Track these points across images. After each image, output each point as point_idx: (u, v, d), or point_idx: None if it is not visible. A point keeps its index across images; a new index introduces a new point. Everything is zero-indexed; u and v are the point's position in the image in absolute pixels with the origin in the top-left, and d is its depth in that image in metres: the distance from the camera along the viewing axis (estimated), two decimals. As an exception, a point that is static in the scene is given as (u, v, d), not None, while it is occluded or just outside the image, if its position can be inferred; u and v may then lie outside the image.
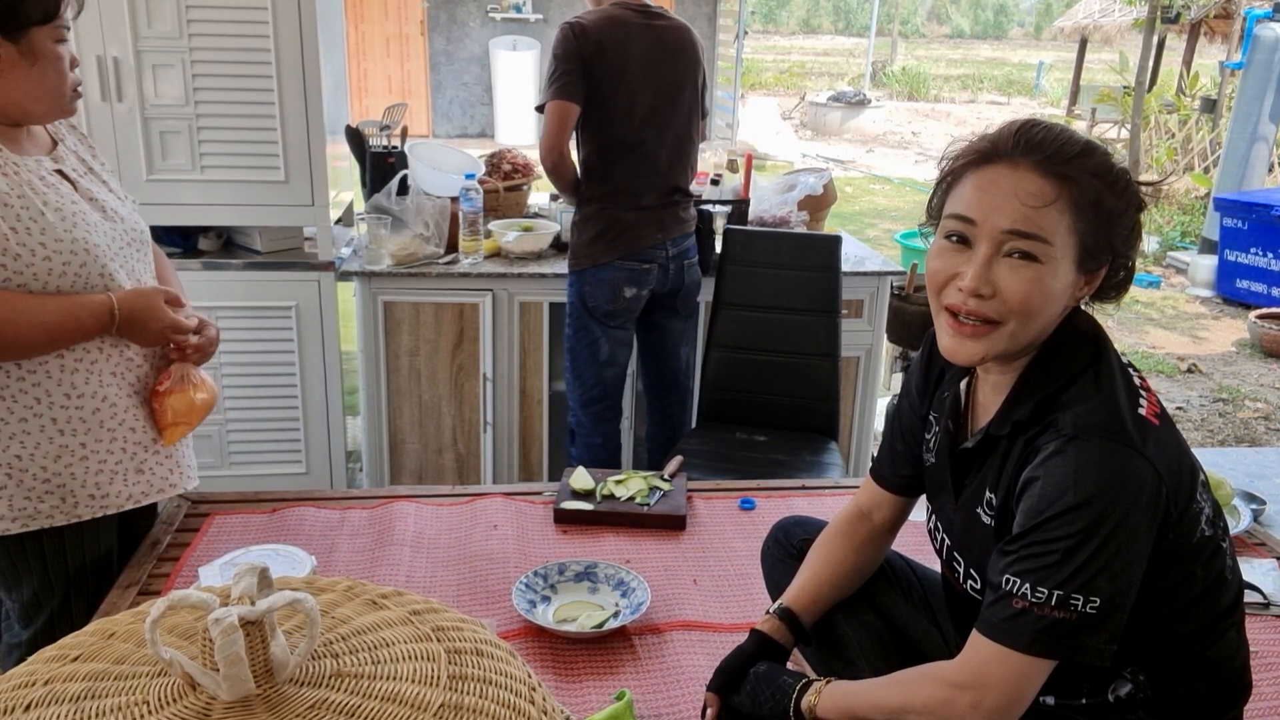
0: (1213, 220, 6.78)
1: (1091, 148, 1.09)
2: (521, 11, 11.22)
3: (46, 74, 1.49)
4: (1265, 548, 1.88)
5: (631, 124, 2.55)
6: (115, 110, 2.56)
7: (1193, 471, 1.13)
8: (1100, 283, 1.13)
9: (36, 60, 1.47)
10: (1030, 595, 1.05)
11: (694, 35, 2.68)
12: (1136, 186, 1.11)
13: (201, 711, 0.66)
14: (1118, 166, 1.10)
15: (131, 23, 2.50)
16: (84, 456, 1.56)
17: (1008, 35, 33.55)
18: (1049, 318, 1.11)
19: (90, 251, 1.52)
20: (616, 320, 2.66)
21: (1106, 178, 1.08)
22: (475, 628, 0.79)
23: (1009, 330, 1.09)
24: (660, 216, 2.63)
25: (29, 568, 1.58)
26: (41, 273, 1.47)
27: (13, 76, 1.46)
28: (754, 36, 25.20)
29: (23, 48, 1.46)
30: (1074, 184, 1.06)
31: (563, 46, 2.49)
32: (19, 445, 1.51)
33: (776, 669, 1.31)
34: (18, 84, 1.47)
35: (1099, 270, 1.12)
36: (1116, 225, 1.10)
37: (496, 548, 1.79)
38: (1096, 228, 1.08)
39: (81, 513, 1.57)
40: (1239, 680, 1.20)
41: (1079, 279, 1.11)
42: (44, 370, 1.51)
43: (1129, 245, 1.12)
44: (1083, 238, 1.07)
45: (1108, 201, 1.08)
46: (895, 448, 1.39)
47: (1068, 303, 1.12)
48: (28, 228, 1.46)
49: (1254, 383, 5.05)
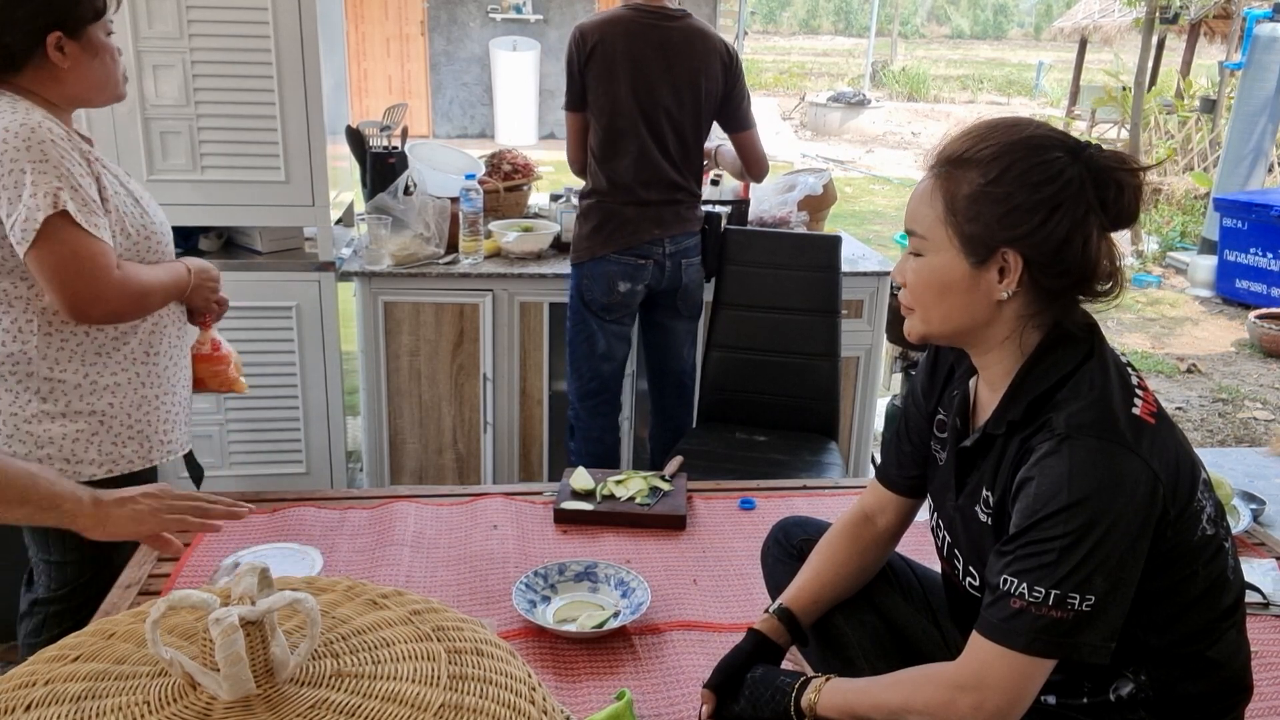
0: (1212, 220, 6.79)
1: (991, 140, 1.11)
2: (522, 12, 11.22)
3: (105, 64, 1.68)
4: (1265, 548, 1.88)
5: (631, 122, 2.56)
6: (115, 110, 2.56)
7: (1193, 471, 1.13)
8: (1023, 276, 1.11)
9: (96, 53, 1.66)
10: (1027, 595, 1.06)
11: (710, 37, 2.64)
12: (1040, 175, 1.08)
13: (202, 711, 0.66)
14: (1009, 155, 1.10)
15: (132, 23, 2.50)
16: (157, 407, 1.79)
17: (1007, 36, 33.55)
18: (957, 306, 1.15)
19: (165, 228, 1.80)
20: (612, 314, 2.67)
21: (986, 166, 1.10)
22: (475, 628, 0.79)
23: (918, 316, 1.20)
24: (660, 213, 2.63)
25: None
26: (144, 249, 1.72)
27: (78, 70, 1.64)
28: (754, 37, 25.22)
29: (84, 43, 1.64)
30: (948, 179, 1.13)
31: (567, 55, 2.60)
32: (110, 397, 1.72)
33: (773, 670, 1.31)
34: (83, 76, 1.66)
35: (994, 260, 1.11)
36: (999, 213, 1.09)
37: (497, 548, 1.79)
38: (969, 219, 1.11)
39: (154, 457, 1.79)
40: (1240, 681, 1.20)
41: (979, 271, 1.12)
42: (133, 333, 1.74)
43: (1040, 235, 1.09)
44: (959, 229, 1.12)
45: (984, 190, 1.10)
46: (903, 448, 1.39)
47: (989, 295, 1.13)
48: (131, 209, 1.71)
49: (1253, 383, 5.05)
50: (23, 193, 1.56)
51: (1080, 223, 1.09)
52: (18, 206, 1.56)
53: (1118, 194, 1.10)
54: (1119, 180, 1.09)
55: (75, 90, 1.66)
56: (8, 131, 1.56)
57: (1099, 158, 1.11)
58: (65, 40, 1.61)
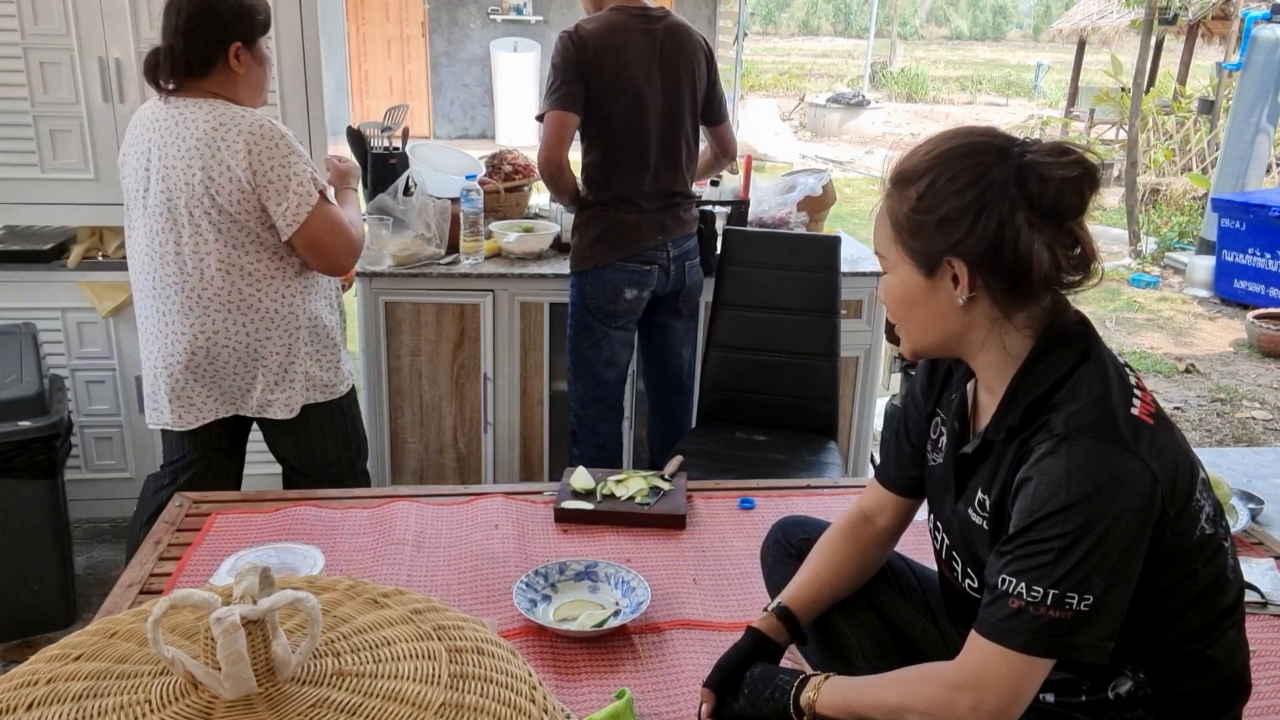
0: (1211, 221, 6.78)
1: (923, 154, 1.14)
2: (522, 13, 11.22)
3: (265, 72, 2.03)
4: (1263, 547, 1.88)
5: (633, 130, 2.54)
6: (117, 111, 2.57)
7: (1191, 470, 1.13)
8: (974, 280, 1.12)
9: (261, 62, 2.00)
10: (1026, 595, 1.06)
11: (693, 34, 2.64)
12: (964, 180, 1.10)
13: (203, 710, 0.66)
14: (938, 167, 1.12)
15: (133, 23, 2.51)
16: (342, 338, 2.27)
17: (1006, 37, 33.53)
18: (927, 318, 1.18)
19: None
20: (618, 321, 2.65)
21: (919, 181, 1.13)
22: (476, 627, 0.79)
23: (903, 333, 1.24)
24: (661, 219, 2.62)
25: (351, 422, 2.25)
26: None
27: (248, 76, 1.98)
28: (753, 38, 25.21)
29: (254, 53, 1.98)
30: (892, 199, 1.17)
31: (561, 56, 2.48)
32: (336, 334, 2.18)
33: (772, 669, 1.31)
34: (250, 81, 1.99)
35: (942, 270, 1.13)
36: (933, 224, 1.12)
37: (497, 547, 1.80)
38: (911, 234, 1.15)
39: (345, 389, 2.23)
40: (1239, 680, 1.21)
41: (934, 282, 1.15)
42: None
43: (972, 240, 1.10)
44: (906, 245, 1.16)
45: (918, 205, 1.13)
46: (902, 449, 1.40)
47: (951, 303, 1.15)
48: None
49: (1252, 383, 5.06)
50: (290, 184, 1.91)
51: (1007, 221, 1.09)
52: (287, 196, 1.91)
53: (1041, 187, 1.08)
54: (1042, 173, 1.08)
55: (244, 93, 1.97)
56: (257, 129, 1.88)
57: (1028, 153, 1.11)
58: (242, 50, 1.94)
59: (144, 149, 1.96)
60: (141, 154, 1.97)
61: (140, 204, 1.99)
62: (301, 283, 2.06)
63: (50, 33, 2.50)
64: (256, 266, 1.99)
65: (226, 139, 1.89)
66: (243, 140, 1.88)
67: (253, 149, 1.89)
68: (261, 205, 1.93)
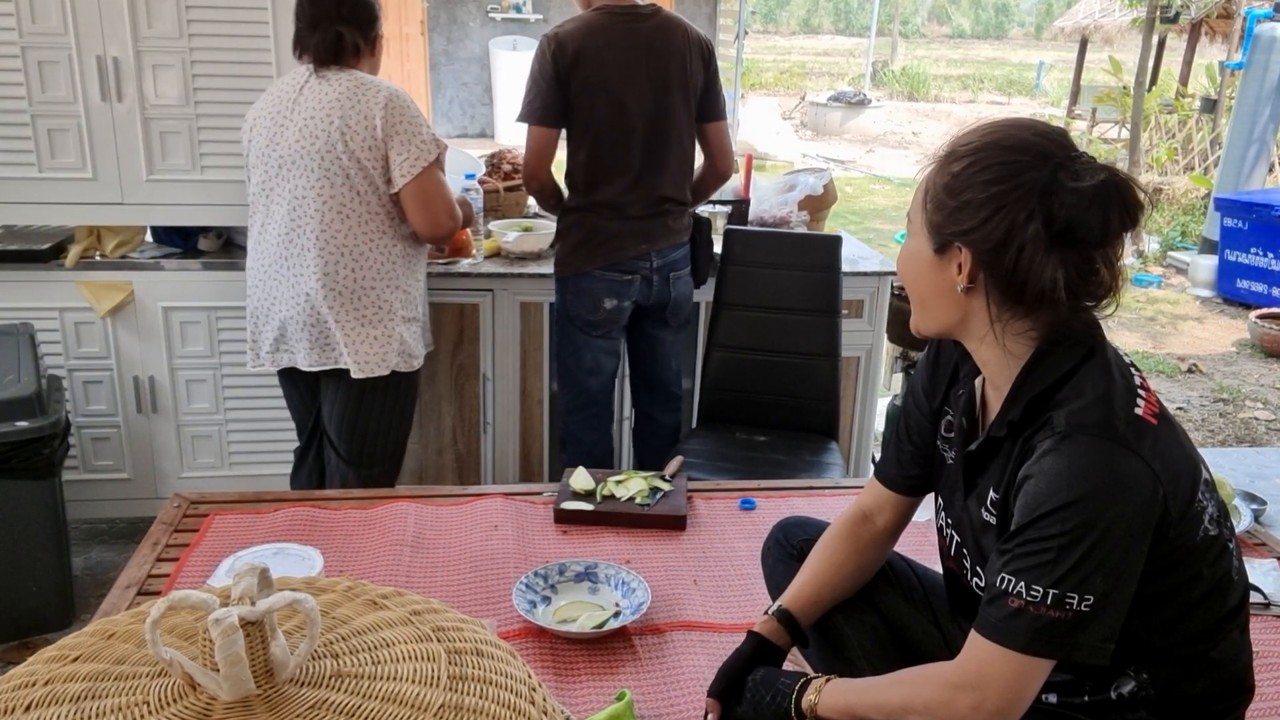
0: (1213, 220, 6.78)
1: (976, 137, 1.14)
2: (521, 11, 11.22)
3: (378, 62, 2.32)
4: (1266, 548, 1.88)
5: (615, 133, 2.45)
6: (115, 110, 2.56)
7: (1195, 471, 1.13)
8: (977, 274, 1.12)
9: (375, 53, 2.29)
10: (1025, 594, 1.05)
11: (687, 31, 2.53)
12: (995, 174, 1.09)
13: (202, 712, 0.66)
14: (981, 153, 1.11)
15: (131, 23, 2.51)
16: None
17: (1008, 35, 33.53)
18: (929, 293, 1.19)
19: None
20: (599, 330, 2.59)
21: (961, 160, 1.13)
22: (475, 628, 0.79)
23: (913, 306, 1.24)
24: (647, 227, 2.53)
25: (411, 404, 2.41)
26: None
27: (377, 60, 2.29)
28: (754, 36, 25.20)
29: (382, 40, 2.30)
30: (937, 170, 1.16)
31: (538, 64, 2.43)
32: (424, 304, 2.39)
33: (774, 672, 1.31)
34: (377, 65, 2.29)
35: (951, 252, 1.13)
36: (953, 206, 1.12)
37: (497, 548, 1.79)
38: (935, 208, 1.15)
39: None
40: (1242, 682, 1.20)
41: (941, 260, 1.15)
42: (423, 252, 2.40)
43: (980, 234, 1.10)
44: (929, 217, 1.16)
45: (950, 184, 1.13)
46: (903, 448, 1.39)
47: (952, 285, 1.15)
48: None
49: (1254, 383, 5.05)
50: (414, 138, 2.14)
51: (1018, 228, 1.07)
52: (410, 147, 2.14)
53: (1062, 205, 1.05)
54: (1068, 192, 1.05)
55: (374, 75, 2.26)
56: (396, 92, 2.16)
57: (1065, 168, 1.06)
58: (378, 38, 2.27)
59: (285, 107, 2.17)
60: (279, 112, 2.18)
61: (264, 157, 2.20)
62: (404, 248, 2.25)
63: (48, 32, 2.50)
64: (370, 220, 2.18)
65: (368, 94, 2.14)
66: (383, 96, 2.14)
67: (390, 104, 2.13)
68: (386, 155, 2.14)
